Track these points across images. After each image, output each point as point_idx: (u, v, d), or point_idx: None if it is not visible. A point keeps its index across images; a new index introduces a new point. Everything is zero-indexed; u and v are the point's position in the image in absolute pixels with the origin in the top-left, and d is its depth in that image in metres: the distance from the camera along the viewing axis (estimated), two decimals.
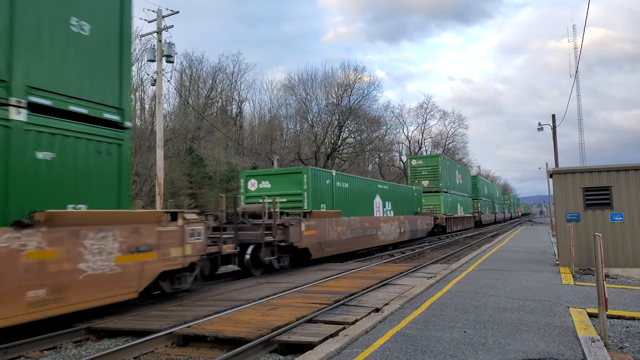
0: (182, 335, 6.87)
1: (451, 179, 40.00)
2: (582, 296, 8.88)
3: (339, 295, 9.42)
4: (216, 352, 6.40)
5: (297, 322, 7.30)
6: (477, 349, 5.65)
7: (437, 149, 75.51)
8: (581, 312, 7.52)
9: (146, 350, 6.53)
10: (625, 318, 7.43)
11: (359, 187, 20.88)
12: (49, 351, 6.75)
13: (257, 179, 17.82)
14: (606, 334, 5.93)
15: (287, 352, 6.32)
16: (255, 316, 7.76)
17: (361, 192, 21.03)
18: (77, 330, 7.38)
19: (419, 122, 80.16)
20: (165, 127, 36.82)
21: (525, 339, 6.01)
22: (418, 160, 40.33)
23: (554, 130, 33.04)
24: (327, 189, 17.88)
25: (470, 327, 6.68)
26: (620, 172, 12.67)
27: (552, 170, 13.94)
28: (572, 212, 12.99)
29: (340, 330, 6.71)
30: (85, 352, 6.67)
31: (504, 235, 32.27)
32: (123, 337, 7.27)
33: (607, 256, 11.96)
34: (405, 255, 20.68)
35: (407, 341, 6.02)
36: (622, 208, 12.55)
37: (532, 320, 6.99)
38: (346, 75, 56.02)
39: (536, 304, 8.17)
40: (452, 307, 8.04)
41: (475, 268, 13.20)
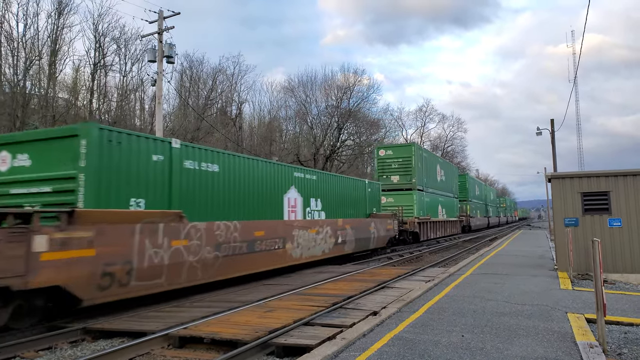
0: (178, 336, 6.83)
1: (430, 174, 32.52)
2: (580, 301, 8.86)
3: (336, 298, 9.39)
4: (213, 354, 6.37)
5: (295, 324, 7.26)
6: (475, 353, 5.63)
7: (436, 152, 75.56)
8: (579, 317, 7.50)
9: (142, 352, 6.49)
10: (623, 324, 7.41)
11: (248, 174, 12.80)
12: (44, 351, 6.71)
13: (9, 150, 9.51)
14: (604, 339, 5.90)
15: (284, 355, 6.28)
16: (252, 318, 7.72)
17: (254, 182, 13.05)
18: (72, 331, 7.33)
19: (418, 125, 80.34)
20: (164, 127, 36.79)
21: (523, 344, 5.99)
22: (387, 149, 31.24)
23: (552, 135, 33.07)
24: (151, 172, 9.75)
25: (468, 331, 6.65)
26: (619, 178, 12.67)
27: (551, 174, 13.93)
28: (570, 217, 12.98)
29: (337, 333, 6.68)
30: (81, 353, 6.63)
31: (502, 239, 32.26)
32: (119, 338, 7.23)
33: (605, 261, 11.94)
34: (404, 258, 20.65)
35: (405, 345, 5.99)
36: (620, 213, 12.54)
37: (530, 325, 6.97)
38: (346, 78, 56.08)
39: (534, 309, 8.15)
40: (450, 311, 8.01)
41: (474, 272, 13.18)
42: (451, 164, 43.50)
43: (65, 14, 37.87)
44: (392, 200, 28.02)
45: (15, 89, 34.18)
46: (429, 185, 31.72)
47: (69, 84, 40.95)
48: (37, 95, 36.67)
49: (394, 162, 29.81)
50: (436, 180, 34.20)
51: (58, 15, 37.45)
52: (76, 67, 41.63)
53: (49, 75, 36.74)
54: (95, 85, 40.86)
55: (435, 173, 34.26)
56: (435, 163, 34.95)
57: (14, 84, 34.72)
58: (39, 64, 36.31)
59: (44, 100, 36.25)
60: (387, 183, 28.96)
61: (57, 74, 38.53)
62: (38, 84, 36.92)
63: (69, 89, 40.62)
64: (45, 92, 36.72)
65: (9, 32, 35.11)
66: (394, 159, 29.93)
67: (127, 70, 43.29)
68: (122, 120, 42.59)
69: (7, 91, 34.96)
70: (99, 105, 41.87)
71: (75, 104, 40.45)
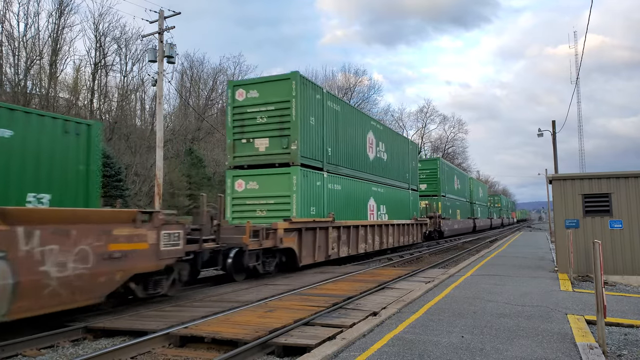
0: (179, 336, 6.85)
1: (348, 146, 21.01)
2: (581, 303, 8.87)
3: (336, 298, 9.41)
4: (213, 354, 6.39)
5: (295, 324, 7.28)
6: (475, 354, 5.65)
7: (437, 153, 75.59)
8: (579, 319, 7.51)
9: (143, 351, 6.51)
10: (623, 326, 7.42)
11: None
12: (46, 350, 6.73)
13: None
14: (604, 341, 5.92)
15: (284, 355, 6.30)
16: (252, 318, 7.74)
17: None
18: (74, 330, 7.36)
19: (419, 126, 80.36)
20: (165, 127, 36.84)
21: (523, 345, 6.01)
22: None
23: (553, 137, 33.09)
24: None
25: (468, 332, 6.67)
26: (620, 179, 12.69)
27: (552, 176, 13.95)
28: (571, 218, 12.99)
29: (337, 334, 6.70)
30: (83, 351, 6.65)
31: (502, 240, 32.24)
32: (120, 337, 7.26)
33: (605, 263, 11.95)
34: (404, 259, 20.66)
35: (405, 345, 6.01)
36: (621, 215, 12.55)
37: (530, 327, 6.98)
38: (346, 79, 56.05)
39: (534, 310, 8.16)
40: (450, 312, 8.03)
41: (474, 273, 13.19)
42: (398, 134, 27.16)
43: (66, 13, 37.99)
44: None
45: (16, 89, 34.24)
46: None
47: (69, 83, 41.04)
48: (38, 95, 36.73)
49: None
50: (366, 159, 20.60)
51: (59, 15, 37.55)
52: (77, 67, 41.73)
53: (49, 75, 36.82)
54: (96, 85, 40.97)
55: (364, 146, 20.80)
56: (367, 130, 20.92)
57: (15, 83, 34.79)
58: (39, 63, 36.40)
59: (45, 100, 36.31)
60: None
61: (58, 74, 38.62)
62: (39, 83, 37.00)
63: (69, 88, 40.71)
64: (46, 91, 36.79)
65: (10, 32, 35.21)
66: None
67: (127, 70, 43.42)
68: (122, 120, 42.66)
69: (8, 91, 35.02)
70: (100, 105, 41.95)
71: (76, 103, 40.52)
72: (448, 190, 37.92)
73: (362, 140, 20.07)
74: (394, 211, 23.41)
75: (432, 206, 33.51)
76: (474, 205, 50.05)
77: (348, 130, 18.50)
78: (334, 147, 17.16)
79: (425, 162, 36.86)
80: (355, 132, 19.25)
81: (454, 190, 40.46)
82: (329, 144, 16.72)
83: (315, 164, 15.76)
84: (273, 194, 14.62)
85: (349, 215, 18.07)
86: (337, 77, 57.73)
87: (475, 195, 51.04)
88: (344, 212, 17.58)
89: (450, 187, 39.18)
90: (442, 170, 36.63)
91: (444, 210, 35.61)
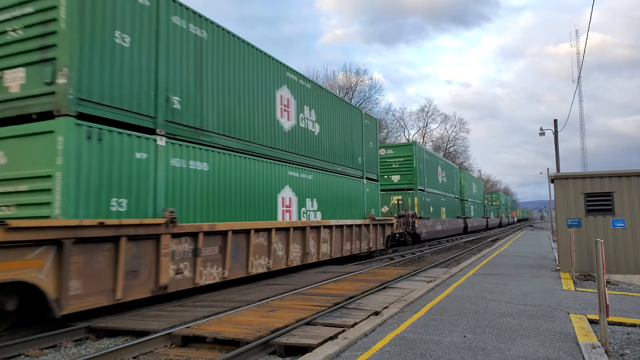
0: (181, 335, 6.86)
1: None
2: (583, 302, 8.85)
3: (338, 298, 9.41)
4: (215, 353, 6.40)
5: (297, 324, 7.29)
6: (477, 353, 5.64)
7: (438, 152, 75.51)
8: (582, 318, 7.50)
9: (145, 350, 6.53)
10: (626, 325, 7.41)
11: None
12: (49, 349, 6.76)
13: None
14: (607, 340, 5.91)
15: (286, 354, 6.31)
16: (254, 318, 7.75)
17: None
18: (76, 329, 7.37)
19: (420, 126, 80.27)
20: None
21: (525, 345, 6.00)
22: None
23: (555, 136, 33.03)
24: None
25: (469, 331, 6.67)
26: (623, 178, 12.66)
27: (554, 175, 13.92)
28: (573, 217, 12.97)
29: (339, 333, 6.70)
30: (85, 351, 6.68)
31: (504, 240, 32.22)
32: (123, 337, 7.28)
33: (608, 262, 11.93)
34: (405, 258, 20.66)
35: (407, 345, 6.01)
36: (623, 214, 12.52)
37: (532, 326, 6.97)
38: (348, 78, 56.02)
39: (536, 310, 8.15)
40: (452, 311, 8.02)
41: (476, 272, 13.18)
42: (342, 101, 19.49)
43: None
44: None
45: None
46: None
47: None
48: None
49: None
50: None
51: None
52: None
53: None
54: None
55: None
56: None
57: None
58: None
59: None
60: None
61: None
62: None
63: None
64: None
65: None
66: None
67: None
68: None
69: None
70: None
71: None
72: (429, 183, 31.44)
73: (267, 98, 13.24)
74: (333, 208, 16.84)
75: (409, 201, 27.67)
76: (465, 203, 43.36)
77: (230, 76, 11.66)
78: (193, 98, 10.38)
79: (397, 148, 29.99)
80: (248, 82, 12.37)
81: (437, 184, 33.95)
82: (176, 89, 9.92)
83: (132, 119, 8.86)
84: (25, 174, 7.70)
85: (231, 214, 11.35)
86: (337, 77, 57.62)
87: (467, 191, 44.01)
88: (216, 209, 10.79)
89: (432, 179, 32.74)
90: (420, 158, 29.70)
91: (423, 208, 29.28)
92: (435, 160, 34.90)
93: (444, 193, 36.45)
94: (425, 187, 30.64)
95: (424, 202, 30.08)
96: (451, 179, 39.50)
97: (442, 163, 37.49)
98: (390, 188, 28.70)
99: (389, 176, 29.31)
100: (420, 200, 29.19)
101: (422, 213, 29.01)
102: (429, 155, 33.07)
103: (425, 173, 31.03)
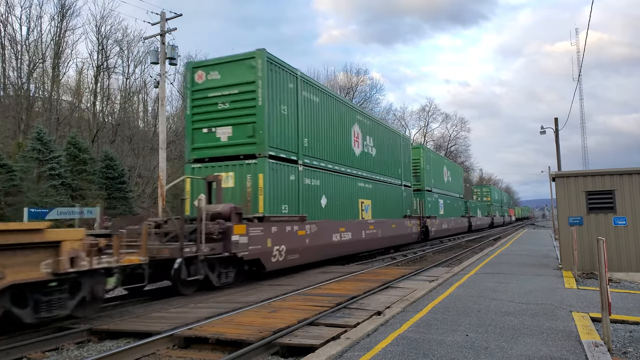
0: (183, 337, 6.86)
1: None
2: (585, 300, 8.84)
3: (340, 298, 9.41)
4: (217, 354, 6.40)
5: (299, 324, 7.28)
6: (479, 352, 5.63)
7: (439, 151, 75.49)
8: (584, 316, 7.49)
9: (148, 352, 6.53)
10: (628, 323, 7.39)
11: None
12: (51, 352, 6.76)
13: None
14: (609, 338, 5.89)
15: (289, 355, 6.31)
16: (256, 318, 7.75)
17: None
18: (79, 332, 7.38)
19: (421, 125, 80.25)
20: (168, 129, 36.92)
21: (527, 343, 5.99)
22: None
23: (556, 134, 32.99)
24: None
25: (472, 330, 6.66)
26: (624, 176, 12.63)
27: (555, 173, 13.90)
28: (575, 215, 12.95)
29: (342, 333, 6.69)
30: (87, 354, 6.67)
31: (506, 238, 32.18)
32: (125, 339, 7.28)
33: (610, 260, 11.91)
34: (407, 258, 20.64)
35: (409, 344, 6.00)
36: (625, 212, 12.50)
37: (534, 324, 6.96)
38: (348, 78, 56.08)
39: (539, 308, 8.14)
40: (454, 310, 8.01)
41: (478, 271, 13.17)
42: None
43: (67, 16, 38.07)
44: None
45: (19, 92, 34.37)
46: None
47: (72, 86, 41.15)
48: (41, 98, 36.88)
49: None
50: None
51: (61, 18, 37.66)
52: (79, 70, 41.81)
53: (52, 78, 36.95)
54: (98, 87, 41.07)
55: None
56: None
57: (18, 87, 34.92)
58: (42, 66, 36.54)
59: (48, 103, 36.46)
60: None
61: (61, 77, 38.75)
62: (42, 86, 37.14)
63: (72, 91, 40.83)
64: (49, 94, 36.93)
65: (13, 35, 35.33)
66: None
67: (130, 72, 43.50)
68: (125, 123, 42.78)
69: (11, 94, 35.16)
70: (103, 108, 42.07)
71: (79, 106, 40.65)
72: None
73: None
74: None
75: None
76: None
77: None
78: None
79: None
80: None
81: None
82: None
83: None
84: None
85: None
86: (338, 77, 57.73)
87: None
88: (327, 211, 16.36)
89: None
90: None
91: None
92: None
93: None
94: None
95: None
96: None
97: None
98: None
99: None
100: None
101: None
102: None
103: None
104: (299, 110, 14.82)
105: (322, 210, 16.02)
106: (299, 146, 14.78)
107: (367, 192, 20.30)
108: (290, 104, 14.31)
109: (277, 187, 13.40)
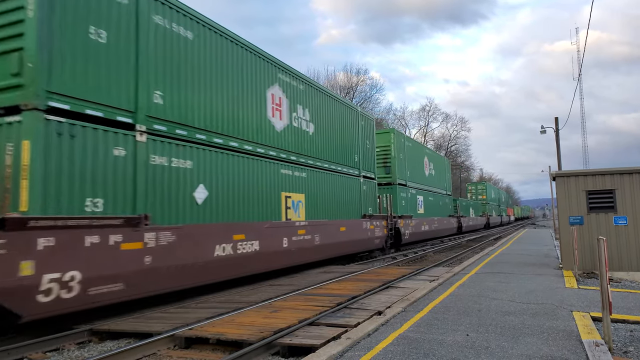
0: (184, 337, 6.86)
1: None
2: (586, 300, 8.84)
3: (341, 298, 9.41)
4: (218, 355, 6.40)
5: (300, 324, 7.29)
6: (480, 352, 5.63)
7: (440, 151, 75.46)
8: (585, 316, 7.49)
9: (148, 352, 6.53)
10: (629, 322, 7.39)
11: None
12: (52, 352, 6.76)
13: None
14: (610, 338, 5.89)
15: (289, 355, 6.31)
16: (257, 318, 7.75)
17: None
18: (79, 332, 7.38)
19: (421, 125, 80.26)
20: None
21: (528, 343, 5.99)
22: None
23: (557, 133, 33.00)
24: None
25: (473, 330, 6.66)
26: (625, 175, 12.63)
27: (556, 173, 13.90)
28: (575, 215, 12.95)
29: (342, 333, 6.70)
30: (88, 354, 6.68)
31: (506, 238, 32.18)
32: (126, 339, 7.28)
33: (610, 260, 11.91)
34: (408, 258, 20.65)
35: (410, 344, 6.00)
36: (626, 211, 12.50)
37: (535, 324, 6.96)
38: (348, 78, 56.08)
39: (539, 308, 8.14)
40: (455, 310, 8.01)
41: (478, 271, 13.17)
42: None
43: None
44: None
45: None
46: None
47: None
48: None
49: None
50: None
51: None
52: None
53: None
54: None
55: None
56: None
57: None
58: None
59: None
60: None
61: None
62: None
63: None
64: None
65: None
66: None
67: None
68: None
69: None
70: None
71: None
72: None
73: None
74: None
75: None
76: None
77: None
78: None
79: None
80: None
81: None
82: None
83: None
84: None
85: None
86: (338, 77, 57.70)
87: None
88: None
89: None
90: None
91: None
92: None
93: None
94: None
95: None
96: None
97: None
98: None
99: None
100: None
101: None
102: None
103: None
104: (143, 42, 9.22)
105: (196, 208, 10.19)
106: (140, 101, 9.06)
107: (298, 182, 14.57)
108: (120, 28, 8.78)
109: (73, 166, 7.67)
